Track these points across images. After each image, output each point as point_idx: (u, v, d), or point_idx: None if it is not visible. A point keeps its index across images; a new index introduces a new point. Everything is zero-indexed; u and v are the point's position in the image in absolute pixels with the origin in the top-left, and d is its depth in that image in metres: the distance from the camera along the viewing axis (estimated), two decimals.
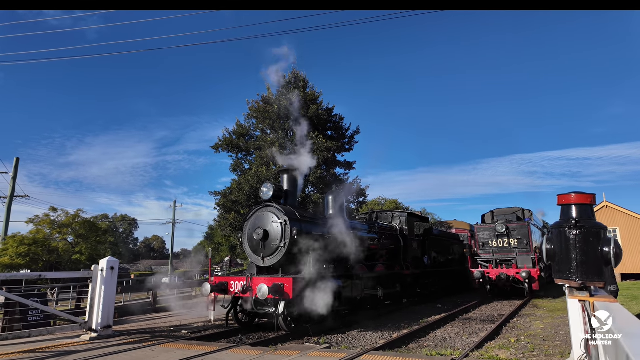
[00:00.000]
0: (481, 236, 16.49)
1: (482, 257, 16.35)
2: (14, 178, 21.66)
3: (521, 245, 15.52)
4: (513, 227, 15.87)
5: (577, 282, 3.30)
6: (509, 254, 15.74)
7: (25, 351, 6.61)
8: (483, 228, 16.64)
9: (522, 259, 15.30)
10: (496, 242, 16.03)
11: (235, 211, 21.61)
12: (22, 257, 21.97)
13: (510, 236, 15.72)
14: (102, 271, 8.12)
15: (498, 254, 16.01)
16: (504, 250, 15.87)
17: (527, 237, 15.45)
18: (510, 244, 15.77)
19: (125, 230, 64.36)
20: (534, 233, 16.10)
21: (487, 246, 16.31)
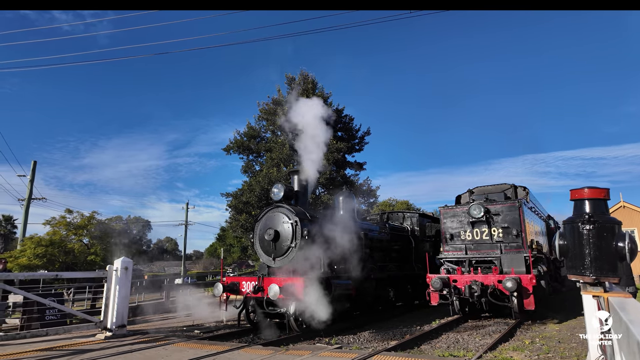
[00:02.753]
0: (448, 225, 10.93)
1: (448, 255, 10.86)
2: (32, 181, 22.19)
3: (509, 238, 10.09)
4: (496, 209, 10.42)
5: (590, 278, 3.24)
6: (489, 251, 10.29)
7: (43, 349, 6.76)
8: (451, 213, 11.03)
9: (509, 259, 9.86)
10: (470, 234, 10.61)
11: (247, 212, 21.75)
12: (39, 258, 22.46)
13: (493, 224, 10.34)
14: (117, 271, 8.26)
15: (473, 252, 10.52)
16: (483, 246, 10.43)
17: (517, 224, 10.00)
18: (491, 235, 10.32)
19: (138, 232, 65.27)
20: (529, 219, 10.86)
21: (456, 239, 10.79)
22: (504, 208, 10.40)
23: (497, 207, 10.47)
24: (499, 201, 10.70)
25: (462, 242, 10.74)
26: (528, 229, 10.30)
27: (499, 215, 10.33)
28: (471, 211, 10.44)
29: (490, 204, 10.54)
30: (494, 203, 10.61)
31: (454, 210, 11.07)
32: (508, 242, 10.11)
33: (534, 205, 12.15)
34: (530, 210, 11.28)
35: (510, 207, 10.31)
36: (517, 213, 10.14)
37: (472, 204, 10.48)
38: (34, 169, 22.45)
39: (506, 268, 9.74)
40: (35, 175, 22.58)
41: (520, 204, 10.17)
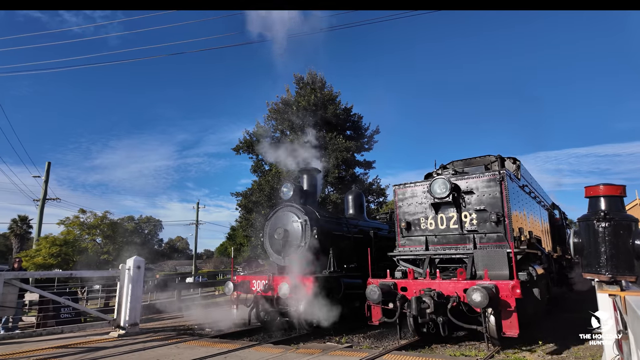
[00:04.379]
0: (405, 209, 8.18)
1: (403, 252, 8.06)
2: (46, 181, 22.57)
3: (486, 226, 7.20)
4: (469, 185, 7.50)
5: (606, 276, 3.17)
6: (458, 244, 7.48)
7: (58, 347, 6.88)
8: (409, 193, 8.22)
9: (486, 257, 6.81)
10: (433, 221, 7.81)
11: (256, 211, 21.85)
12: (54, 257, 22.87)
13: (464, 206, 7.48)
14: (129, 270, 8.37)
15: (436, 246, 7.75)
16: (449, 238, 7.61)
17: (498, 206, 7.11)
18: (461, 222, 7.46)
19: (150, 231, 66.03)
20: (519, 201, 7.90)
21: (415, 229, 8.01)
22: (480, 183, 7.28)
23: (469, 183, 7.39)
24: (472, 174, 7.52)
25: (422, 233, 7.79)
26: (516, 215, 7.34)
27: (472, 194, 7.31)
28: (433, 189, 7.41)
29: (460, 178, 7.51)
30: (465, 176, 7.51)
31: (413, 189, 8.11)
32: (485, 232, 7.07)
33: (527, 184, 9.04)
34: (521, 189, 8.31)
35: (489, 182, 7.20)
36: (497, 190, 7.05)
37: (434, 179, 7.54)
38: (48, 170, 22.84)
39: (481, 270, 6.52)
40: (49, 176, 22.98)
41: (503, 177, 7.07)
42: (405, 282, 7.00)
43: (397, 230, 8.31)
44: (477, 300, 5.72)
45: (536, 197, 10.13)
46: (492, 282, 6.04)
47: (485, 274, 6.32)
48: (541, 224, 10.22)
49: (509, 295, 5.93)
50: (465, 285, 6.23)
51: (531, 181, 10.15)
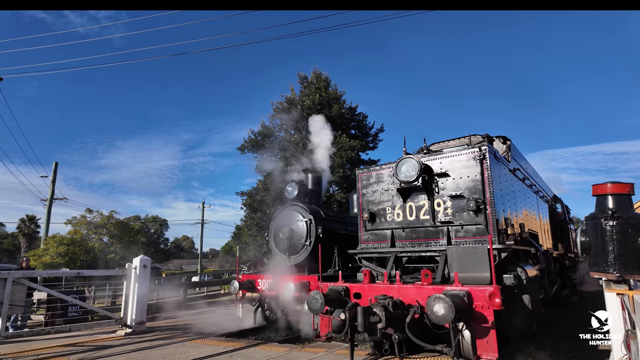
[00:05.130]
0: (369, 197, 6.96)
1: (366, 249, 6.86)
2: (54, 181, 22.78)
3: (462, 216, 5.85)
4: (443, 166, 6.18)
5: (614, 275, 3.14)
6: (429, 239, 6.15)
7: (67, 345, 6.95)
8: (374, 178, 6.99)
9: (462, 254, 5.31)
10: (400, 211, 6.53)
11: (261, 211, 21.91)
12: (61, 257, 23.10)
13: (437, 192, 6.16)
14: (136, 269, 8.43)
15: (404, 241, 6.45)
16: (419, 232, 6.29)
17: (478, 191, 5.75)
18: (433, 212, 6.14)
19: (156, 230, 66.47)
20: (504, 185, 6.42)
21: (380, 220, 6.75)
22: (457, 163, 5.94)
23: (444, 163, 6.07)
24: (445, 152, 6.20)
25: (388, 226, 6.51)
26: (502, 203, 6.00)
27: (447, 177, 5.99)
28: (399, 171, 6.11)
29: (433, 158, 6.20)
30: (439, 155, 6.19)
31: (379, 172, 6.86)
32: (461, 224, 5.73)
33: (520, 168, 7.69)
34: (511, 173, 6.95)
35: (467, 161, 5.83)
36: (477, 171, 5.70)
37: (400, 159, 6.19)
38: (55, 170, 23.05)
39: (458, 271, 5.11)
40: (56, 176, 23.19)
41: (484, 155, 5.69)
42: (360, 286, 5.63)
43: (360, 223, 7.04)
44: (439, 314, 4.21)
45: (532, 185, 8.63)
46: (464, 288, 4.60)
47: (456, 277, 4.76)
48: (538, 217, 8.78)
49: (485, 305, 4.44)
50: (431, 291, 4.78)
51: (526, 167, 8.62)
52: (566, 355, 6.26)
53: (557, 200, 12.07)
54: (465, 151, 5.95)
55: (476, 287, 4.61)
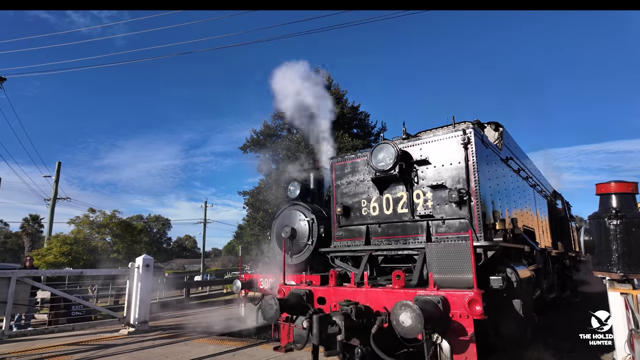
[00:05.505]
0: (343, 189, 6.37)
1: (339, 247, 6.26)
2: (57, 181, 22.89)
3: (443, 209, 5.16)
4: (422, 152, 5.51)
5: (618, 274, 3.13)
6: (408, 236, 5.49)
7: (70, 344, 6.98)
8: (349, 167, 6.39)
9: (442, 253, 4.48)
10: (376, 204, 5.88)
11: (264, 210, 21.94)
12: (64, 256, 23.20)
13: (416, 182, 5.48)
14: (138, 268, 8.46)
15: (380, 238, 5.79)
16: (396, 228, 5.62)
17: (462, 180, 5.03)
18: (412, 205, 5.45)
19: (159, 230, 66.68)
20: (493, 175, 5.77)
21: (355, 215, 6.12)
22: (437, 148, 5.33)
23: (424, 149, 5.45)
24: (425, 137, 5.56)
25: (363, 221, 5.88)
26: (490, 194, 5.34)
27: (427, 166, 5.37)
28: (373, 158, 5.50)
29: (412, 144, 5.57)
30: (418, 141, 5.57)
31: (354, 162, 6.27)
32: (443, 218, 5.11)
33: (514, 158, 7.05)
34: (504, 162, 6.36)
35: (449, 146, 5.21)
36: (461, 156, 5.06)
37: (375, 145, 5.64)
38: (58, 170, 23.15)
39: (437, 272, 4.50)
40: (59, 176, 23.29)
41: (469, 139, 5.04)
42: (325, 290, 4.91)
43: (333, 218, 6.37)
44: (405, 325, 3.50)
45: (529, 177, 8.00)
46: (439, 293, 3.93)
47: (430, 279, 4.12)
48: (535, 212, 8.17)
49: (464, 314, 3.77)
50: (401, 296, 4.12)
51: (522, 158, 7.94)
52: (569, 355, 6.24)
53: (557, 196, 11.50)
54: (448, 135, 5.28)
55: (454, 291, 3.90)
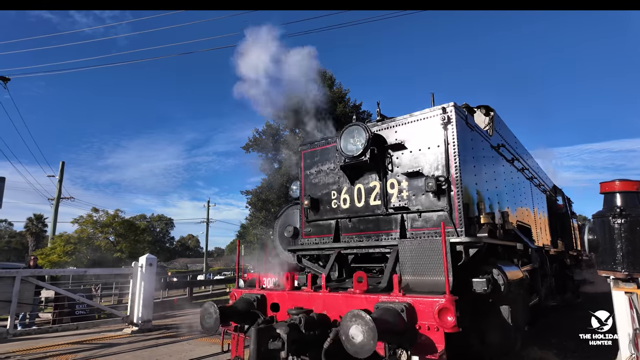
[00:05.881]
0: (313, 180, 5.77)
1: (306, 244, 5.74)
2: (60, 181, 22.99)
3: (419, 200, 4.51)
4: (399, 136, 4.83)
5: (622, 274, 3.11)
6: (380, 232, 4.80)
7: (74, 342, 7.01)
8: (319, 155, 5.74)
9: (417, 251, 3.88)
10: (347, 196, 5.19)
11: (266, 209, 21.97)
12: (68, 255, 23.31)
13: (391, 170, 4.84)
14: (142, 268, 8.49)
15: (350, 233, 5.11)
16: (368, 222, 4.95)
17: (440, 166, 4.40)
18: (386, 196, 4.78)
19: (162, 229, 66.91)
20: (479, 161, 5.04)
21: (325, 208, 5.47)
22: (414, 130, 4.72)
23: (400, 132, 4.83)
24: (400, 119, 4.89)
25: (333, 215, 5.27)
26: (475, 183, 4.70)
27: (402, 150, 4.75)
28: (342, 142, 4.88)
29: (385, 126, 4.97)
30: (392, 122, 4.94)
31: (325, 148, 5.61)
32: (419, 210, 4.50)
33: (506, 145, 6.36)
34: (494, 149, 5.73)
35: (427, 127, 4.62)
36: (440, 139, 4.47)
37: (344, 128, 4.95)
38: (62, 170, 23.26)
39: (409, 273, 3.94)
40: (63, 176, 23.39)
41: (449, 119, 4.45)
42: (279, 295, 4.26)
43: (301, 212, 5.85)
44: (355, 342, 2.88)
45: (525, 169, 7.39)
46: (405, 299, 3.28)
47: (395, 283, 3.43)
48: (532, 207, 7.57)
49: (433, 325, 3.13)
50: (362, 302, 3.51)
51: (518, 148, 7.29)
52: (572, 355, 6.22)
53: (557, 191, 10.84)
54: (425, 115, 4.65)
55: (422, 298, 3.22)
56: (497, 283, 3.97)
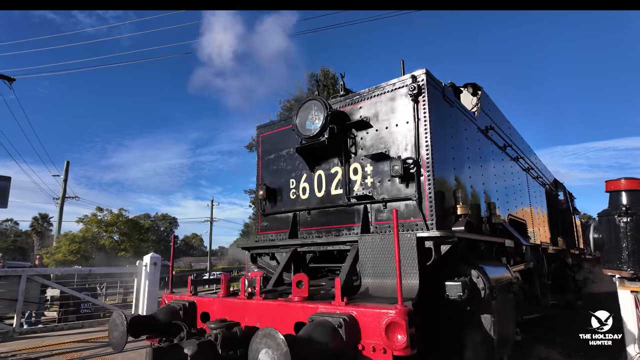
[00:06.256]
0: (272, 167, 4.97)
1: (262, 241, 4.88)
2: (65, 180, 23.12)
3: (386, 188, 3.80)
4: (364, 113, 4.10)
5: (628, 272, 3.09)
6: (341, 224, 4.13)
7: (79, 341, 7.06)
8: (277, 138, 4.97)
9: (377, 249, 3.27)
10: (307, 184, 4.50)
11: None
12: (73, 254, 23.47)
13: (354, 153, 4.14)
14: (146, 266, 8.53)
15: (309, 228, 4.42)
16: (330, 215, 4.24)
17: (409, 146, 3.67)
18: (348, 184, 4.09)
19: (166, 228, 67.22)
20: (460, 143, 4.29)
21: (283, 199, 4.74)
22: (380, 105, 4.03)
23: (364, 107, 4.16)
24: (365, 93, 4.19)
25: (291, 207, 4.62)
26: (451, 167, 4.04)
27: (367, 130, 4.09)
28: (297, 119, 4.25)
29: (348, 101, 4.32)
30: (356, 97, 4.27)
31: (284, 130, 4.86)
32: (384, 199, 3.82)
33: (494, 127, 5.59)
34: (481, 132, 5.09)
35: (394, 100, 3.93)
36: (409, 114, 3.78)
37: (301, 104, 4.33)
38: (67, 169, 23.38)
39: (369, 275, 3.32)
40: (68, 175, 23.53)
41: (420, 89, 3.72)
42: (210, 302, 3.54)
43: (258, 204, 5.06)
44: None
45: (520, 158, 6.75)
46: (347, 310, 2.56)
47: (337, 288, 2.72)
48: (529, 201, 7.00)
49: (379, 346, 2.41)
50: (298, 312, 2.83)
51: (510, 133, 6.54)
52: (577, 354, 6.19)
53: (558, 185, 10.14)
54: (393, 85, 3.92)
55: (369, 308, 2.48)
56: (475, 287, 3.32)
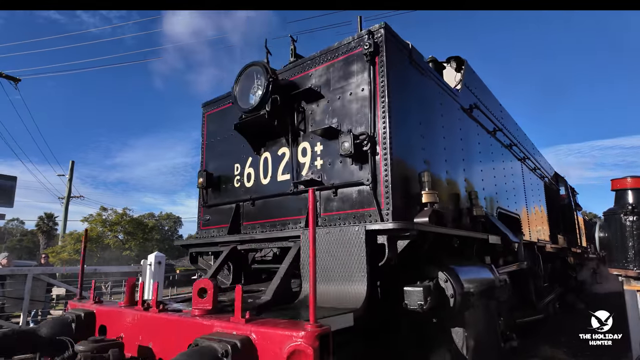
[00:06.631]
0: (217, 149, 4.28)
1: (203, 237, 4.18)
2: (70, 180, 23.28)
3: (337, 171, 3.13)
4: (316, 82, 3.39)
5: (634, 272, 3.07)
6: (287, 217, 3.46)
7: None
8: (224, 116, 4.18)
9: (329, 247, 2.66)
10: (252, 170, 3.81)
11: None
12: (78, 253, 23.63)
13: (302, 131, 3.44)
14: (151, 265, 8.57)
15: (253, 222, 3.76)
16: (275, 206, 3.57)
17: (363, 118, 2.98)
18: (296, 167, 3.41)
19: (170, 227, 67.51)
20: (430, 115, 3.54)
21: (226, 188, 4.07)
22: (331, 71, 3.36)
23: (314, 75, 3.49)
24: (316, 57, 3.49)
25: (234, 198, 3.98)
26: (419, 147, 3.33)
27: (317, 102, 3.42)
28: (237, 92, 3.54)
29: (298, 69, 3.66)
30: (306, 62, 3.60)
31: (230, 107, 4.11)
32: (334, 185, 3.15)
33: (479, 106, 4.85)
34: (463, 110, 4.42)
35: (347, 65, 3.24)
36: (364, 78, 3.08)
37: (243, 69, 3.55)
38: (72, 169, 23.53)
39: (319, 279, 2.67)
40: (73, 174, 23.68)
41: (377, 48, 3.01)
42: (110, 312, 2.89)
43: (200, 194, 4.36)
44: None
45: (514, 145, 6.07)
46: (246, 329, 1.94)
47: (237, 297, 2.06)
48: (524, 195, 6.36)
49: None
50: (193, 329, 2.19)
51: (502, 117, 5.82)
52: (583, 354, 6.16)
53: (559, 180, 9.44)
54: (346, 45, 3.24)
55: (272, 328, 1.88)
56: (442, 294, 2.71)
